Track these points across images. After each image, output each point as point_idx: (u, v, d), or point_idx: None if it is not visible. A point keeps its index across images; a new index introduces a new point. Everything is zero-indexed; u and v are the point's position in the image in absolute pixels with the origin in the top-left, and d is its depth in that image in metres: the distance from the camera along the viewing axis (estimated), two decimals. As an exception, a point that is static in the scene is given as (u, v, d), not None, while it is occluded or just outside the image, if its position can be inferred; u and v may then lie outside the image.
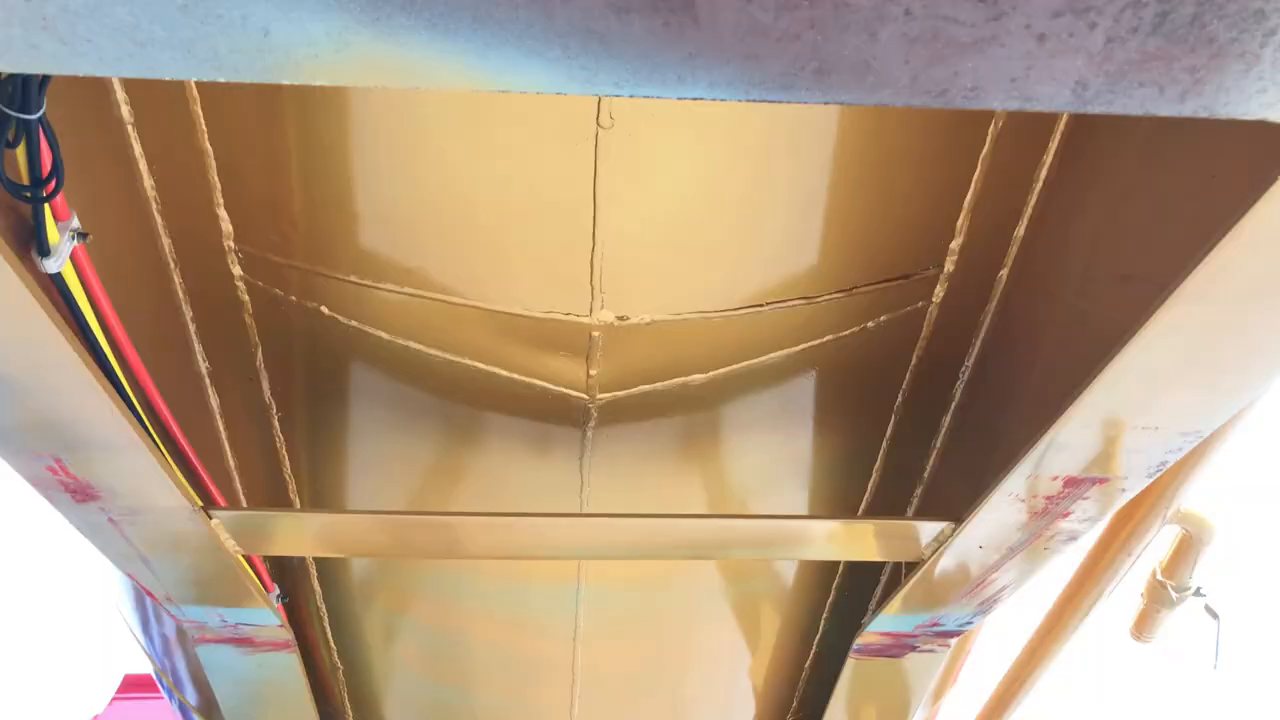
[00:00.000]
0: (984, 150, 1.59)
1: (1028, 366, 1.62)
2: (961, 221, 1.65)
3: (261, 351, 1.82)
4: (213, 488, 1.68)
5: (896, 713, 2.51)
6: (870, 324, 1.75)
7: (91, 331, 1.27)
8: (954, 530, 1.72)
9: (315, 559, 2.28)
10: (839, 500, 2.18)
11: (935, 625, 2.05)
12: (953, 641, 2.15)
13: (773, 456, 2.10)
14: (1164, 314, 1.16)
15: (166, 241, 1.58)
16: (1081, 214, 1.48)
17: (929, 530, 1.76)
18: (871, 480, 2.12)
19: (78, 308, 1.23)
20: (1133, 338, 1.21)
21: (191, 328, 1.69)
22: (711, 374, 1.77)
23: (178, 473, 1.51)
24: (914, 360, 1.87)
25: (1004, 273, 1.71)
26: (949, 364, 1.85)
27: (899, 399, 1.95)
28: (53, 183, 1.11)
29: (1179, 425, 1.38)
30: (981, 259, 1.70)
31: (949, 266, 1.71)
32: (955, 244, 1.68)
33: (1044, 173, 1.59)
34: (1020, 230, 1.65)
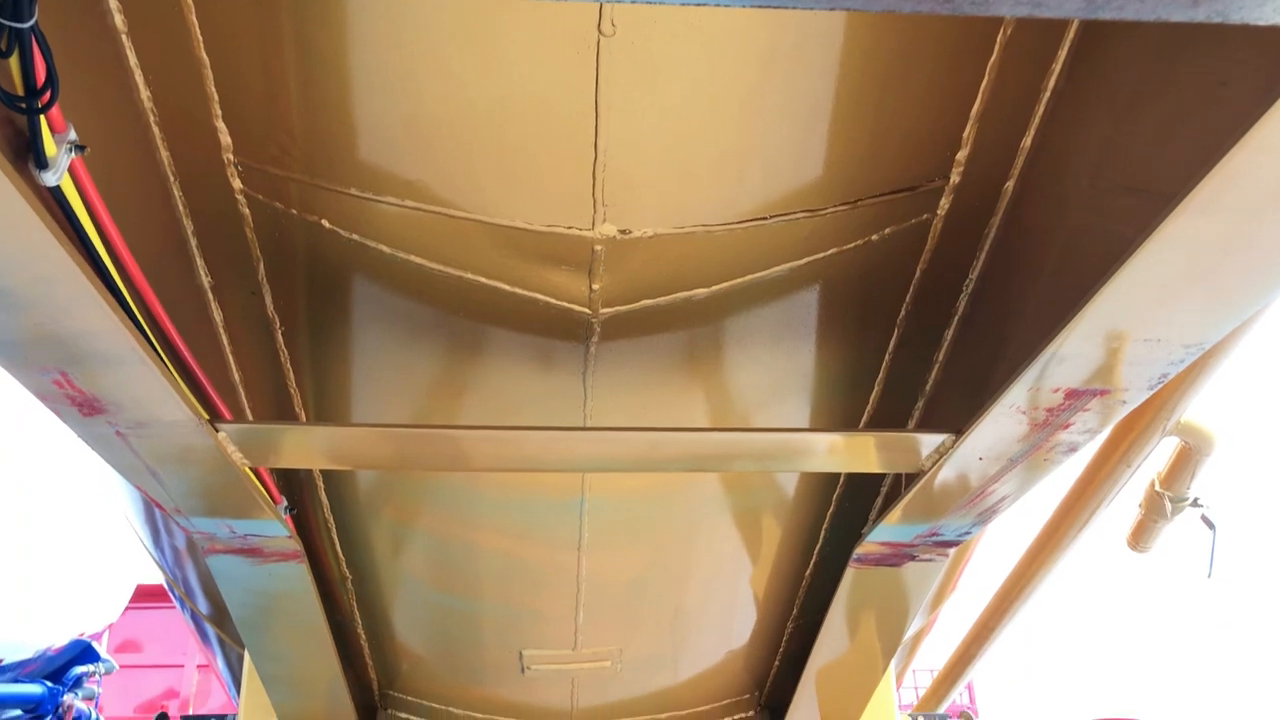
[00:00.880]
0: (991, 59, 1.56)
1: (1032, 279, 1.62)
2: (968, 132, 1.62)
3: (263, 266, 1.81)
4: (218, 401, 1.69)
5: (895, 620, 2.56)
6: (874, 237, 1.74)
7: (92, 245, 1.26)
8: (954, 442, 1.73)
9: (322, 472, 2.30)
10: (841, 413, 2.19)
11: (934, 535, 2.08)
12: (951, 551, 2.18)
13: (775, 370, 2.10)
14: (1170, 226, 1.15)
15: (165, 155, 1.57)
16: (1089, 125, 1.46)
17: (930, 442, 1.77)
18: (873, 393, 2.13)
19: (78, 221, 1.22)
20: (1137, 250, 1.20)
21: (192, 242, 1.68)
22: (714, 288, 1.77)
23: (183, 386, 1.52)
24: (918, 273, 1.86)
25: (1010, 185, 1.69)
26: (953, 277, 1.84)
27: (902, 312, 1.95)
28: (47, 93, 1.09)
29: (1181, 338, 1.38)
30: (987, 171, 1.68)
31: (954, 178, 1.69)
32: (961, 155, 1.66)
33: (1052, 82, 1.56)
34: (1027, 141, 1.62)
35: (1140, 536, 3.38)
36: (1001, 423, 1.62)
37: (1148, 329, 1.37)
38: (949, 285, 1.87)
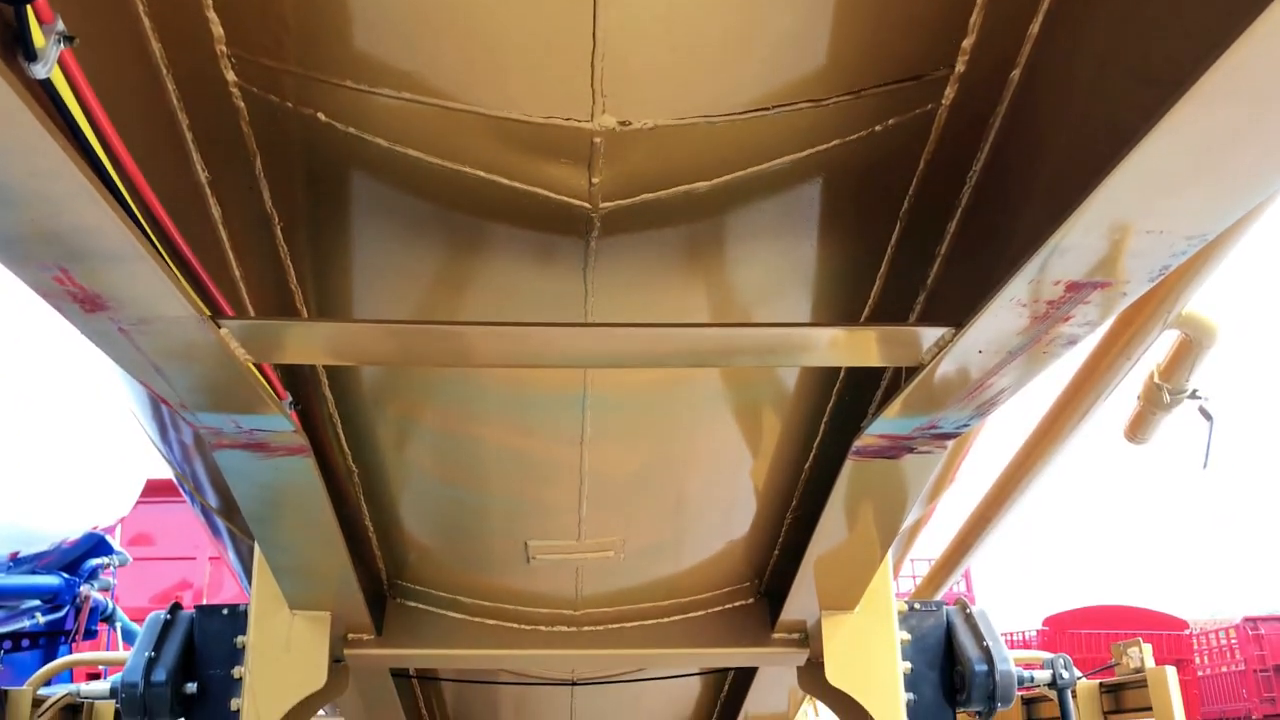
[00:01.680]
0: (1000, -58, 1.52)
1: (1036, 170, 1.60)
2: (975, 18, 1.59)
3: (260, 160, 1.79)
4: (219, 297, 1.69)
5: (892, 511, 2.60)
6: (878, 127, 1.72)
7: (86, 139, 1.25)
8: (954, 335, 1.73)
9: (326, 368, 2.31)
10: (842, 308, 2.19)
11: (933, 428, 2.10)
12: (950, 443, 2.20)
13: (776, 265, 2.10)
14: (1177, 115, 1.13)
15: (157, 46, 1.54)
16: (1097, 12, 1.42)
17: (930, 335, 1.78)
18: (875, 288, 2.13)
19: (70, 116, 1.21)
20: (1143, 139, 1.18)
21: (188, 136, 1.66)
22: (715, 181, 1.75)
23: (183, 282, 1.52)
24: (921, 165, 1.84)
25: (1016, 73, 1.66)
26: (957, 168, 1.82)
27: (905, 205, 1.94)
28: (33, -18, 1.07)
29: (1184, 229, 1.37)
30: (993, 58, 1.65)
31: (960, 67, 1.66)
32: (967, 43, 1.62)
33: (1062, -34, 1.52)
34: (1034, 28, 1.59)
35: (1138, 428, 3.42)
36: (1002, 316, 1.63)
37: (1151, 220, 1.36)
38: (952, 177, 1.85)
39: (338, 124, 1.65)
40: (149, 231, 1.42)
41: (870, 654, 3.05)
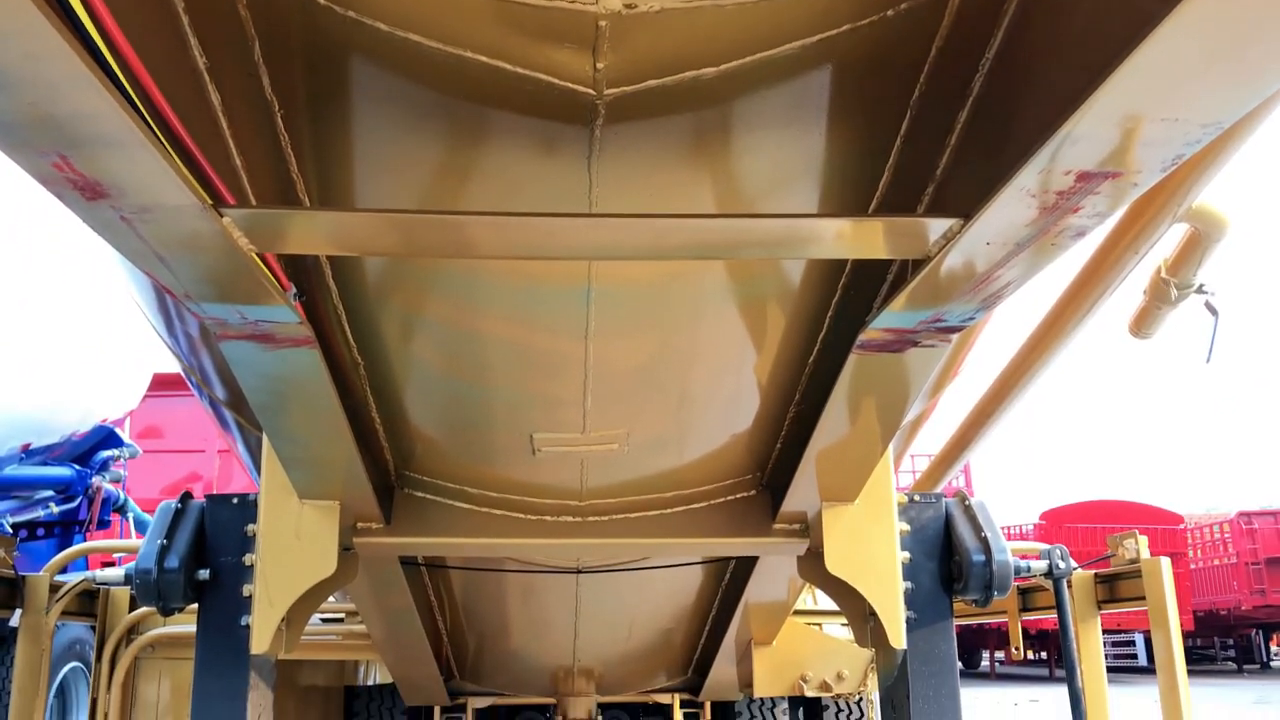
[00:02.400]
0: None
1: (1050, 57, 1.56)
2: (992, -103, 1.54)
3: (259, 46, 1.76)
4: (221, 186, 1.68)
5: (895, 404, 2.62)
6: (890, 12, 1.68)
7: (81, 22, 1.22)
8: (962, 227, 1.72)
9: (330, 259, 2.31)
10: (850, 200, 2.17)
11: (938, 321, 2.10)
12: (954, 337, 2.20)
13: (784, 155, 2.07)
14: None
15: (149, -75, 1.49)
16: (1121, -112, 1.38)
17: (937, 227, 1.76)
18: (883, 179, 2.10)
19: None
20: (1160, 23, 1.15)
21: (185, 20, 1.62)
22: (723, 67, 1.71)
23: (184, 170, 1.50)
24: (933, 52, 1.80)
25: (1032, -44, 1.61)
26: (970, 55, 1.78)
27: (915, 93, 1.90)
28: None
29: (1199, 116, 1.35)
30: (1010, -60, 1.60)
31: (976, -52, 1.61)
32: (984, -77, 1.58)
33: None
34: (1054, -93, 1.54)
35: (1142, 323, 3.41)
36: (1010, 207, 1.61)
37: (1165, 108, 1.33)
38: (965, 65, 1.81)
39: (336, 7, 1.61)
40: (148, 118, 1.40)
41: (869, 544, 3.11)
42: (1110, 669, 4.32)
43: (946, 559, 3.22)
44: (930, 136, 1.96)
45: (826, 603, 5.74)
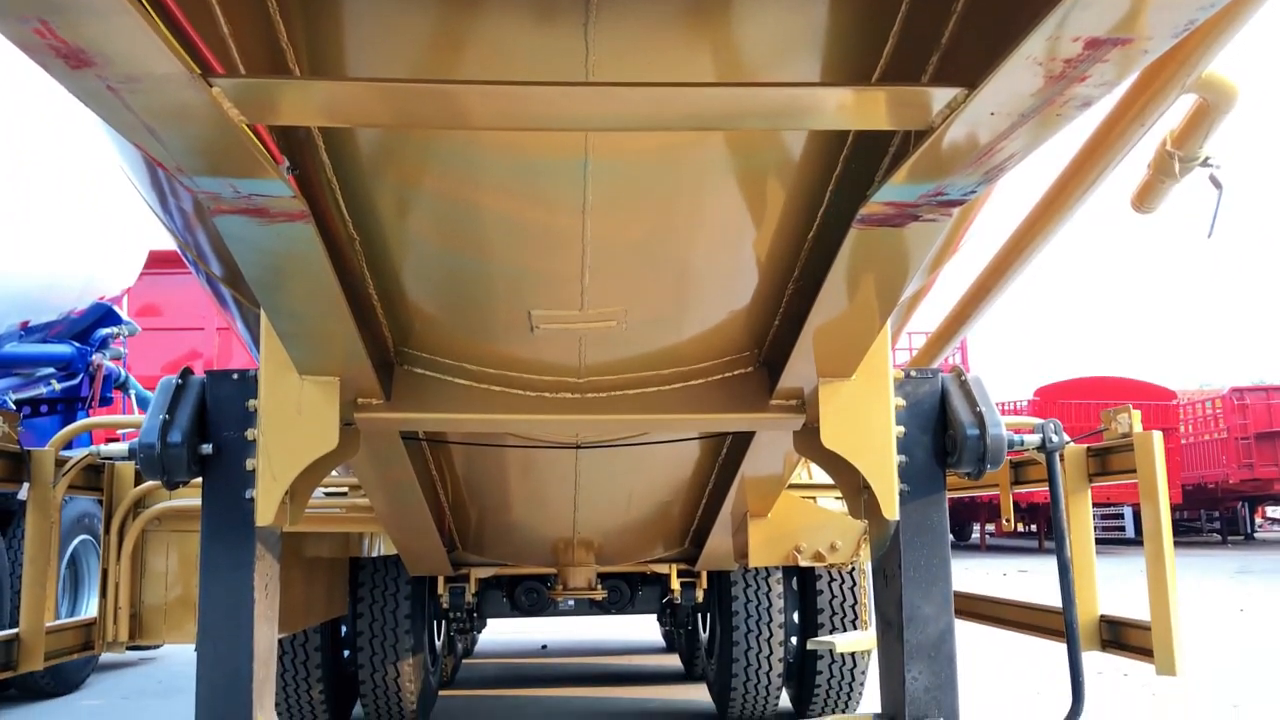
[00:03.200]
0: None
1: (1062, -83, 1.51)
2: None
3: None
4: (209, 54, 1.64)
5: (894, 280, 2.61)
6: None
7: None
8: (966, 97, 1.69)
9: (322, 132, 2.27)
10: (853, 69, 2.13)
11: (939, 194, 2.08)
12: (955, 211, 2.18)
13: (786, 23, 2.02)
14: None
15: None
16: None
17: (941, 97, 1.73)
18: (887, 47, 2.05)
19: None
20: (1180, -122, 1.11)
21: (163, -122, 1.56)
22: None
23: (170, 37, 1.46)
24: (941, -88, 1.74)
25: None
26: (978, -84, 1.72)
27: (922, -43, 1.84)
28: None
29: (1214, -21, 1.31)
30: None
31: None
32: None
33: None
34: None
35: (1145, 197, 3.38)
36: (1016, 76, 1.58)
37: (1180, -30, 1.29)
38: (973, -74, 1.75)
39: None
40: (130, -19, 1.35)
41: (865, 418, 3.14)
42: (1098, 541, 4.42)
43: (941, 433, 3.25)
44: (936, 3, 1.91)
45: (821, 476, 5.83)
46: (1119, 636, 3.97)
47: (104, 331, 10.15)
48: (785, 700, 7.72)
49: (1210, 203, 3.16)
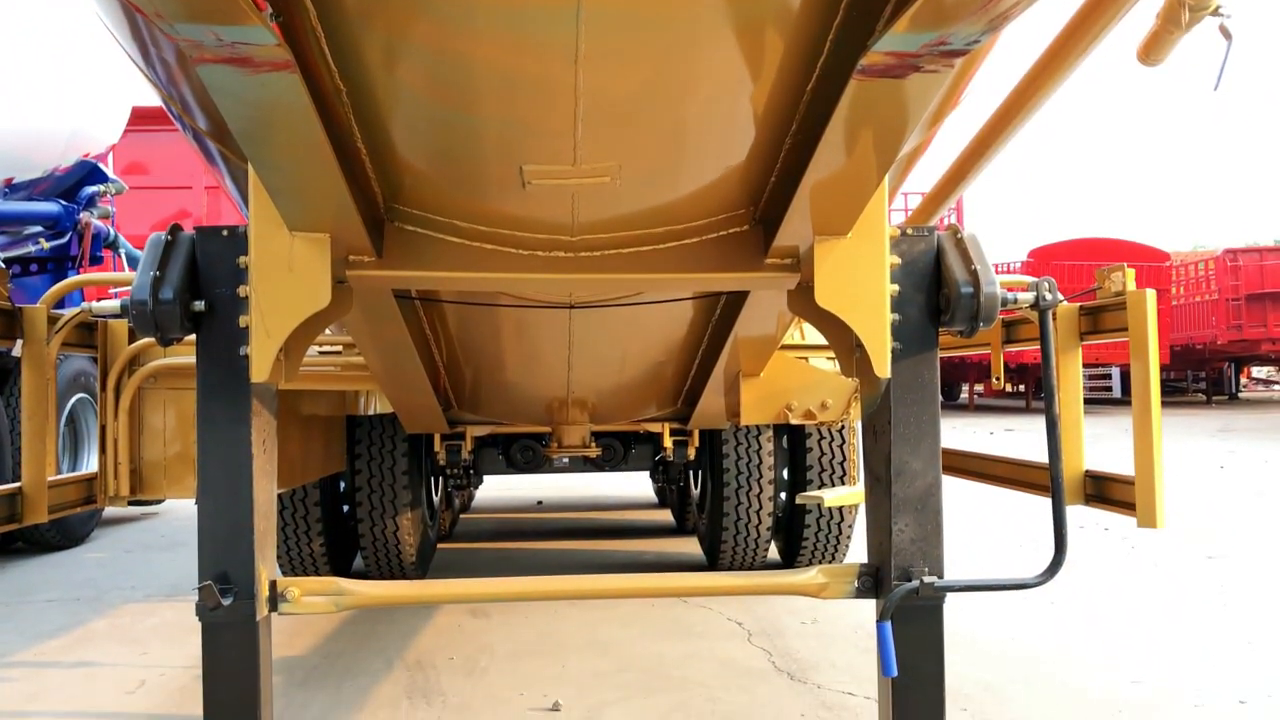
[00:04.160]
0: None
1: None
2: None
3: None
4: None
5: (893, 134, 2.57)
6: None
7: None
8: (974, -61, 1.62)
9: None
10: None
11: (942, 44, 2.03)
12: (957, 62, 2.13)
13: None
14: None
15: None
16: None
17: (948, -61, 1.66)
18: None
19: None
20: None
21: None
22: None
23: None
24: None
25: None
26: None
27: None
28: None
29: None
30: None
31: None
32: None
33: None
34: None
35: (1152, 49, 3.28)
36: (1027, -85, 1.51)
37: None
38: None
39: None
40: None
41: (860, 277, 3.13)
42: (1086, 400, 4.48)
43: (935, 291, 3.25)
44: None
45: (814, 337, 5.86)
46: (1103, 491, 4.06)
47: (91, 189, 10.02)
48: (774, 553, 7.94)
49: (1219, 54, 3.07)
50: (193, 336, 3.10)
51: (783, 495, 7.46)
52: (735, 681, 5.06)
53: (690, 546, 8.72)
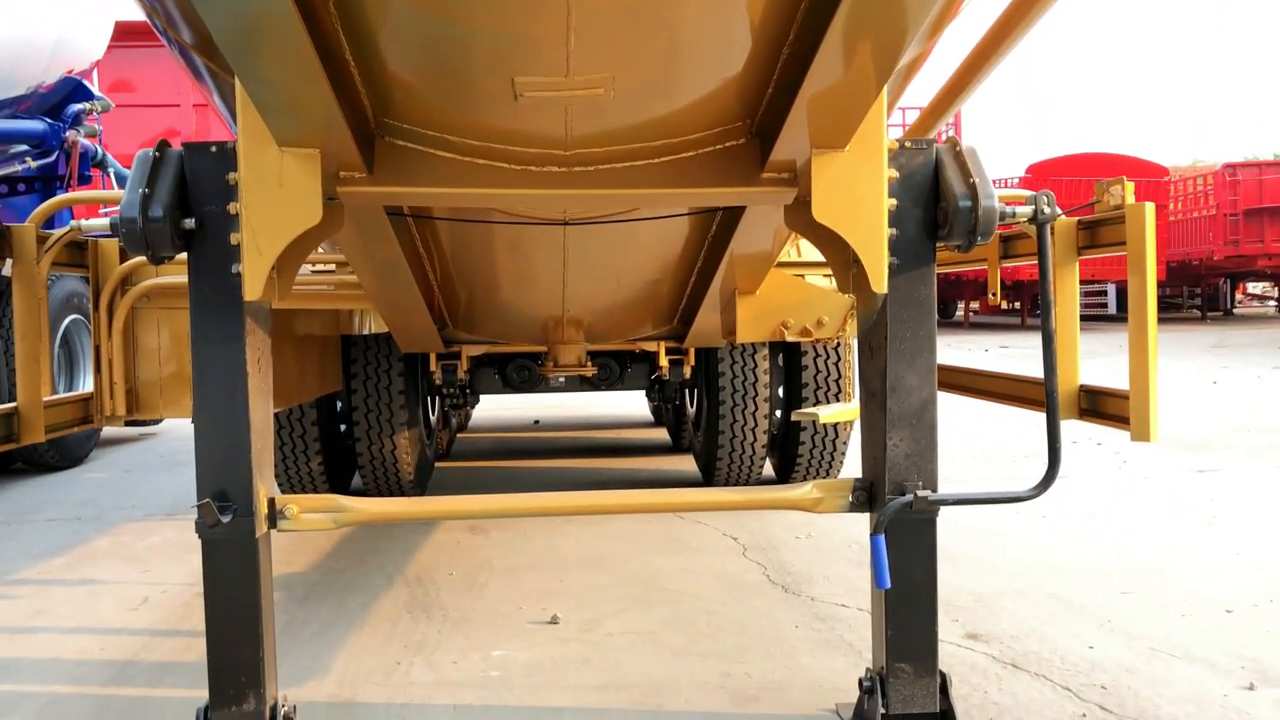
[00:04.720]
0: None
1: None
2: None
3: None
4: None
5: (892, 43, 2.52)
6: None
7: None
8: None
9: None
10: None
11: (944, -52, 1.97)
12: (959, -34, 2.08)
13: None
14: None
15: None
16: None
17: None
18: None
19: None
20: None
21: None
22: None
23: None
24: None
25: None
26: None
27: None
28: None
29: None
30: None
31: None
32: None
33: None
34: None
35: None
36: None
37: None
38: None
39: None
40: None
41: (857, 191, 3.09)
42: (1082, 317, 4.47)
43: (933, 206, 3.21)
44: None
45: (810, 254, 5.83)
46: (1097, 405, 4.07)
47: (76, 107, 9.86)
48: (769, 469, 8.01)
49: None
50: (184, 255, 3.07)
51: (778, 413, 7.49)
52: (730, 594, 5.14)
53: (686, 464, 8.79)
